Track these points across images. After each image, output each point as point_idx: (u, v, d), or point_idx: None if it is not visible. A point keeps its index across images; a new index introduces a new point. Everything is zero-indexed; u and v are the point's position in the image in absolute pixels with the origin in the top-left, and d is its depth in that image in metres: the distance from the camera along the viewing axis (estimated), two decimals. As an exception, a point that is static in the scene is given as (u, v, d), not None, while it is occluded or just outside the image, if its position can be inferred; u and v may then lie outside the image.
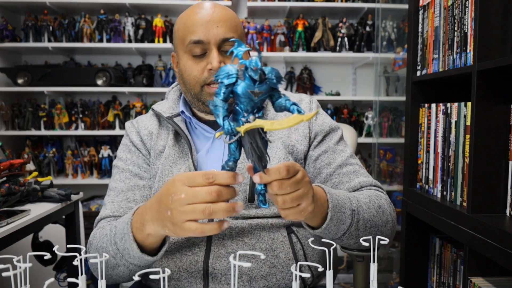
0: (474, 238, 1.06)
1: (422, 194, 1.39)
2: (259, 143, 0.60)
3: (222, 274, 0.91)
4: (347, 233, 0.85)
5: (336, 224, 0.81)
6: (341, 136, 1.05)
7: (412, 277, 1.50)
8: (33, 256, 1.47)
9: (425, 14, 1.43)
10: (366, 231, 0.88)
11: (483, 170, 1.10)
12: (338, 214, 0.80)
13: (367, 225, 0.88)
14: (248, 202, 0.94)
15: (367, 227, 0.88)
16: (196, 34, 0.93)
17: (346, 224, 0.83)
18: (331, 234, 0.83)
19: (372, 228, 0.89)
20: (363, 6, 2.85)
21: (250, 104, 0.58)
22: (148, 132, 1.03)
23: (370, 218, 0.88)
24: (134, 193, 0.99)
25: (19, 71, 2.83)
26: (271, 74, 0.59)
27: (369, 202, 0.90)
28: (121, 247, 0.80)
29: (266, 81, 0.59)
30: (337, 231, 0.83)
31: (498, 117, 1.09)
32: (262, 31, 2.91)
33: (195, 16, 0.95)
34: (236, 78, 0.59)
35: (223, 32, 0.93)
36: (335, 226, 0.81)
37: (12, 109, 2.93)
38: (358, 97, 3.07)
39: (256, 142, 0.60)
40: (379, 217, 0.91)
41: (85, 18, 2.87)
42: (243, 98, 0.58)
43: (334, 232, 0.82)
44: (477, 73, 1.09)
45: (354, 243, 0.89)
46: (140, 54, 3.11)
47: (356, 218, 0.84)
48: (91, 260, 0.82)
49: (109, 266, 0.85)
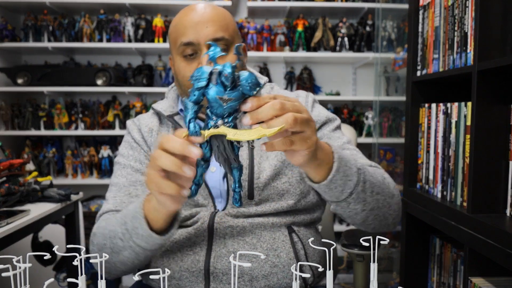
0: (474, 238, 1.06)
1: (422, 194, 1.39)
2: (227, 147, 0.61)
3: (223, 273, 0.90)
4: (354, 194, 0.80)
5: (342, 178, 0.77)
6: (338, 125, 1.04)
7: (412, 277, 1.50)
8: (33, 256, 1.47)
9: (425, 14, 1.43)
10: (373, 197, 0.84)
11: (483, 170, 1.09)
12: (345, 167, 0.77)
13: (374, 190, 0.84)
14: (247, 199, 0.94)
15: (374, 193, 0.84)
16: (186, 36, 0.93)
17: (353, 181, 0.79)
18: (337, 191, 0.78)
19: (379, 196, 0.86)
20: (363, 6, 2.85)
21: (219, 109, 0.58)
22: (148, 129, 1.04)
23: (377, 183, 0.85)
24: (136, 188, 0.99)
25: (19, 71, 2.83)
26: (246, 81, 0.58)
27: (373, 171, 0.87)
28: (130, 226, 0.81)
29: (239, 88, 0.58)
30: (344, 188, 0.78)
31: (498, 117, 1.09)
32: (262, 31, 2.90)
33: (185, 18, 0.95)
34: (207, 81, 0.58)
35: (213, 32, 0.93)
36: (341, 180, 0.77)
37: (12, 109, 2.93)
38: (358, 97, 3.07)
39: (223, 146, 0.61)
40: (385, 186, 0.88)
41: (85, 18, 2.87)
42: (212, 102, 0.58)
43: (340, 188, 0.78)
44: (477, 73, 1.08)
45: (361, 210, 0.84)
46: (140, 54, 3.10)
47: (362, 177, 0.80)
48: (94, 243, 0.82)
49: (114, 251, 0.85)
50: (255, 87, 0.58)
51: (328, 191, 0.78)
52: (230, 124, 0.59)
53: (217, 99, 0.57)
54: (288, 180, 0.97)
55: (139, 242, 0.81)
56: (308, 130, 0.63)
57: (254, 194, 0.94)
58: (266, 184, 0.94)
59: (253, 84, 0.58)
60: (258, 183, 0.94)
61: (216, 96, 0.57)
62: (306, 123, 0.62)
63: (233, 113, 0.59)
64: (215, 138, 0.60)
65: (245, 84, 0.58)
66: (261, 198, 0.95)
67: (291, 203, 0.96)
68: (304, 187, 0.98)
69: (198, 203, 0.96)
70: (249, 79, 0.58)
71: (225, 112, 0.58)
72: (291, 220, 0.97)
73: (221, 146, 0.61)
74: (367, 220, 0.88)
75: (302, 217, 0.99)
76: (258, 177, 0.94)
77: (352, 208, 0.83)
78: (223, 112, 0.58)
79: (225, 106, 0.58)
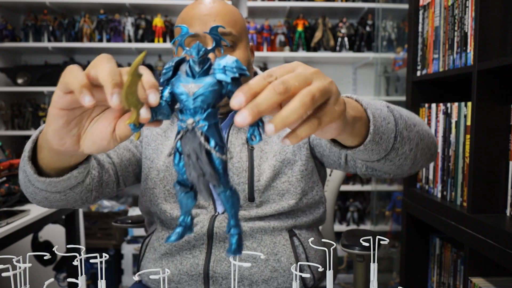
0: (474, 238, 1.06)
1: (422, 194, 1.39)
2: (203, 158, 0.43)
3: (222, 277, 0.90)
4: (398, 136, 0.67)
5: (382, 124, 0.63)
6: None
7: (412, 277, 1.50)
8: (33, 256, 1.47)
9: (425, 14, 1.43)
10: (414, 130, 0.72)
11: (483, 170, 1.09)
12: (378, 112, 0.64)
13: (410, 122, 0.71)
14: (248, 201, 0.92)
15: (412, 125, 0.72)
16: (192, 28, 0.89)
17: (391, 122, 0.66)
18: (384, 142, 0.65)
19: (416, 126, 0.73)
20: (363, 6, 2.85)
21: (187, 103, 0.44)
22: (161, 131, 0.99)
23: (407, 114, 0.73)
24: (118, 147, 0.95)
25: (19, 71, 2.83)
26: (220, 65, 0.44)
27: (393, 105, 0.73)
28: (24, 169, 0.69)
29: (213, 74, 0.44)
30: (388, 134, 0.65)
31: (499, 117, 1.09)
32: (262, 31, 2.90)
33: (193, 10, 0.92)
34: (172, 71, 0.46)
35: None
36: (383, 127, 0.63)
37: (12, 109, 2.93)
38: (358, 97, 3.06)
39: (196, 155, 0.43)
40: (413, 115, 0.76)
41: (85, 18, 2.87)
42: (179, 95, 0.45)
43: (385, 136, 0.64)
44: (477, 73, 1.08)
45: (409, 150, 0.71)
46: (140, 54, 3.10)
47: (397, 114, 0.69)
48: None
49: (31, 198, 0.77)
50: (234, 73, 0.44)
51: (375, 147, 0.64)
52: (205, 124, 0.43)
53: (183, 91, 0.44)
54: (288, 180, 0.94)
55: (38, 185, 0.69)
56: (332, 96, 0.46)
57: (255, 196, 0.92)
58: (266, 186, 0.93)
59: (232, 68, 0.44)
60: (259, 186, 0.92)
61: (181, 85, 0.44)
62: (326, 90, 0.45)
63: (207, 108, 0.44)
64: (186, 143, 0.44)
65: (219, 69, 0.44)
66: (261, 200, 0.93)
67: (292, 203, 0.94)
68: (305, 185, 0.96)
69: (198, 205, 0.94)
70: (225, 63, 0.44)
71: (196, 106, 0.43)
72: (292, 223, 0.96)
73: (193, 155, 0.44)
74: (416, 160, 0.76)
75: (304, 219, 0.98)
76: (258, 180, 0.92)
77: (401, 153, 0.70)
78: (192, 106, 0.44)
79: (192, 97, 0.44)
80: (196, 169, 0.43)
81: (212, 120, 0.44)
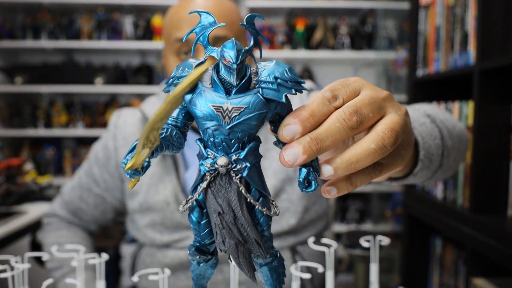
0: (476, 238, 1.05)
1: (423, 194, 1.38)
2: (244, 217, 0.31)
3: None
4: (445, 151, 0.60)
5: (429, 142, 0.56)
6: None
7: (413, 278, 1.49)
8: (32, 257, 1.46)
9: (427, 13, 1.43)
10: (455, 141, 0.65)
11: (485, 171, 1.09)
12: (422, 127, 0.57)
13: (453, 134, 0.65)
14: None
15: (453, 135, 0.65)
16: (182, 31, 0.80)
17: (438, 137, 0.59)
18: (434, 163, 0.57)
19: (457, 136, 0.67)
20: (363, 6, 2.85)
21: (218, 133, 0.30)
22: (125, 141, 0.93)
23: (449, 125, 0.66)
24: (89, 194, 0.98)
25: (17, 71, 2.82)
26: (270, 76, 0.31)
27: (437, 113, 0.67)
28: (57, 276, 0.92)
29: (256, 89, 0.31)
30: (437, 153, 0.58)
31: (500, 117, 1.08)
32: (262, 31, 2.90)
33: (183, 10, 0.82)
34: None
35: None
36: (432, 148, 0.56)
37: (10, 109, 2.92)
38: (358, 97, 3.06)
39: (233, 213, 0.31)
40: (452, 121, 0.68)
41: (82, 18, 2.86)
42: (202, 121, 0.31)
43: (434, 157, 0.57)
44: (479, 73, 1.08)
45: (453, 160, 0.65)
46: (139, 53, 3.10)
47: (444, 131, 0.62)
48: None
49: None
50: (288, 87, 0.31)
51: (424, 172, 0.57)
52: (245, 165, 0.31)
53: (212, 114, 0.30)
54: (288, 197, 0.88)
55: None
56: (401, 137, 0.35)
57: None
58: None
59: (285, 82, 0.31)
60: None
61: (211, 106, 0.30)
62: (405, 129, 0.35)
63: (248, 141, 0.31)
64: (215, 195, 0.31)
65: (266, 81, 0.31)
66: None
67: (293, 223, 0.88)
68: (307, 201, 0.90)
69: None
70: (276, 73, 0.31)
71: (233, 138, 0.31)
72: (294, 241, 0.90)
73: (228, 213, 0.31)
74: (456, 167, 0.70)
75: (307, 234, 0.92)
76: None
77: (446, 167, 0.63)
78: (227, 139, 0.31)
79: (229, 126, 0.30)
80: (233, 234, 0.31)
81: (254, 160, 0.31)
